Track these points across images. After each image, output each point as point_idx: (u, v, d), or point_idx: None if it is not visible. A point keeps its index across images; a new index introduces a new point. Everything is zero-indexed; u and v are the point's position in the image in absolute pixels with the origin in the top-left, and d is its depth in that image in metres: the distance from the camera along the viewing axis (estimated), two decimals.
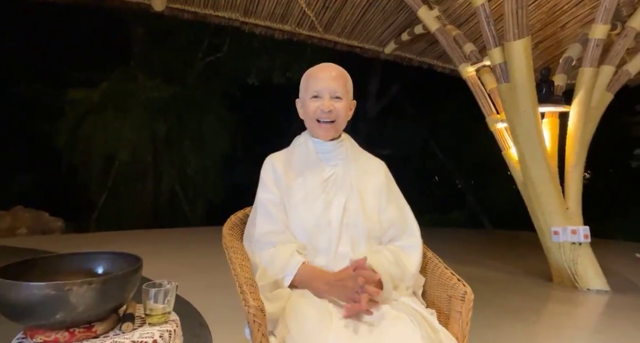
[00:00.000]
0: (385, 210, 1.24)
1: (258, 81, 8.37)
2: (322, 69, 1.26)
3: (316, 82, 1.23)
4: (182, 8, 4.66)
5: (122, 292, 0.99)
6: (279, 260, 1.14)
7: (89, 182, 7.62)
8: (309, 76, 1.26)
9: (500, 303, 3.08)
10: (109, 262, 1.12)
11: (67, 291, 0.89)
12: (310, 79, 1.25)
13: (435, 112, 10.39)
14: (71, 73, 7.50)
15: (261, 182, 1.27)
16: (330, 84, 1.22)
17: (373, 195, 1.24)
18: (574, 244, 3.41)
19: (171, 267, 3.94)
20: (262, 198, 1.24)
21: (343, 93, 1.23)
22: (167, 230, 6.60)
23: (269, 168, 1.27)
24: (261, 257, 1.18)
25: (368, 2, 4.50)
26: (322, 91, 1.21)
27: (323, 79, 1.22)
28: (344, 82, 1.24)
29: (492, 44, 3.41)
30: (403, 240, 1.24)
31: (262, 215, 1.22)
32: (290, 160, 1.27)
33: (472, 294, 1.09)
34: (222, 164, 8.57)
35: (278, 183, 1.24)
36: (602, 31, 3.36)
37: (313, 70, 1.27)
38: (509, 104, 3.45)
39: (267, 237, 1.20)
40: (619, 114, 6.29)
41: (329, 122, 1.22)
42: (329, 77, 1.23)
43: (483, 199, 9.91)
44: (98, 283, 0.93)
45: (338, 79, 1.23)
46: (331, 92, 1.21)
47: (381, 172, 1.30)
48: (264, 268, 1.16)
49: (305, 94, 1.26)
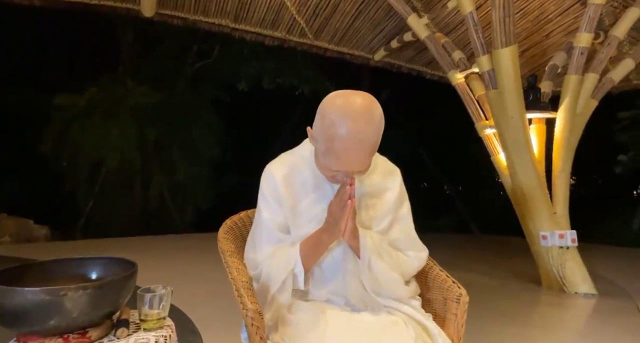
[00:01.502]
0: (391, 230, 1.16)
1: (248, 87, 8.37)
2: (351, 145, 0.94)
3: (339, 163, 0.97)
4: (172, 14, 4.65)
5: (117, 298, 0.98)
6: (279, 258, 1.09)
7: (76, 188, 7.50)
8: (332, 138, 0.95)
9: (490, 307, 3.11)
10: (102, 267, 1.11)
11: (63, 296, 0.88)
12: (332, 149, 0.96)
13: (424, 119, 10.50)
14: (58, 79, 7.43)
15: (262, 198, 1.14)
16: (355, 166, 0.98)
17: (385, 215, 1.15)
18: (561, 248, 3.46)
19: (159, 274, 3.87)
20: (265, 218, 1.12)
21: (369, 163, 1.01)
22: (155, 237, 6.51)
23: (270, 181, 1.12)
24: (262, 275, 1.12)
25: (358, 10, 4.55)
26: (345, 170, 0.99)
27: (348, 160, 0.96)
28: (373, 151, 0.99)
29: (480, 52, 3.47)
30: (406, 250, 1.18)
31: (265, 237, 1.13)
32: (295, 174, 1.13)
33: (467, 296, 1.10)
34: (211, 170, 8.52)
35: (280, 200, 1.11)
36: (586, 39, 3.45)
37: (338, 134, 0.94)
38: (497, 110, 3.51)
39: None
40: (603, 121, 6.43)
41: None
42: (358, 160, 0.97)
43: (472, 205, 10.01)
44: (93, 288, 0.92)
45: (368, 155, 0.98)
46: (355, 170, 0.99)
47: (396, 185, 1.18)
48: (265, 281, 1.10)
49: (322, 153, 1.00)
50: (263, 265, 1.12)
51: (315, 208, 1.10)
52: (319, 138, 1.00)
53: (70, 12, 4.60)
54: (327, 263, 1.13)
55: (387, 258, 1.10)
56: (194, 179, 8.13)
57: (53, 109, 7.34)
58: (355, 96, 0.98)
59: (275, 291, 1.07)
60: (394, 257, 1.13)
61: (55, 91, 7.35)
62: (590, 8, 3.38)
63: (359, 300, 1.11)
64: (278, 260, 1.09)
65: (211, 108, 8.56)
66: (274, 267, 1.09)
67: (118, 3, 4.45)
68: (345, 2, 4.45)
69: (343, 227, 0.99)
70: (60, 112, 7.36)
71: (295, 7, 4.56)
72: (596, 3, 3.35)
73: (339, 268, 1.12)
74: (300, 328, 1.04)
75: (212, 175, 8.58)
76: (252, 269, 1.15)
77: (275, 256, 1.11)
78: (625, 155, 7.20)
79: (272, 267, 1.09)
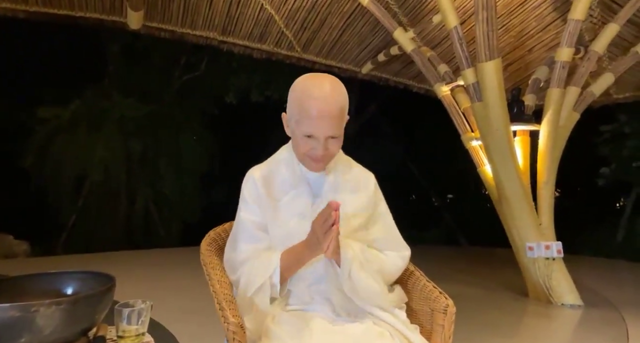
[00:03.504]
0: (370, 230, 1.19)
1: (236, 100, 8.36)
2: (319, 103, 1.03)
3: (311, 123, 1.04)
4: (159, 26, 4.66)
5: (93, 313, 0.94)
6: (259, 263, 1.09)
7: (58, 203, 7.30)
8: (302, 107, 1.05)
9: (478, 319, 3.09)
10: (79, 282, 1.07)
11: (34, 312, 0.84)
12: (304, 113, 1.05)
13: (411, 131, 10.59)
14: (42, 91, 7.29)
15: (242, 200, 1.17)
16: (327, 128, 1.05)
17: (361, 213, 1.18)
18: (547, 259, 3.48)
19: (143, 289, 3.79)
20: (244, 219, 1.15)
21: (340, 131, 1.08)
22: (141, 252, 6.38)
23: (251, 184, 1.16)
24: (241, 279, 1.12)
25: (345, 24, 4.62)
26: (318, 133, 1.06)
27: (320, 120, 1.04)
28: (341, 117, 1.07)
29: (465, 65, 3.53)
30: (389, 250, 1.21)
31: (243, 236, 1.14)
32: (274, 175, 1.18)
33: (454, 307, 1.09)
34: (199, 183, 8.41)
35: (260, 202, 1.15)
36: (567, 54, 3.54)
37: (309, 101, 1.04)
38: (482, 122, 3.56)
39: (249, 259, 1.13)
40: (585, 134, 6.58)
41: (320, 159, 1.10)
42: (327, 117, 1.04)
43: (459, 217, 10.07)
44: (67, 303, 0.88)
45: (337, 117, 1.05)
46: (327, 134, 1.06)
47: (370, 187, 1.23)
48: (245, 285, 1.10)
49: (295, 124, 1.08)
50: (242, 270, 1.12)
51: (295, 206, 1.14)
52: (292, 113, 1.09)
53: (55, 24, 4.57)
54: (310, 270, 1.12)
55: (369, 267, 1.11)
56: (180, 193, 8.01)
57: (36, 121, 7.20)
58: (320, 74, 1.12)
59: (252, 294, 1.07)
60: (377, 263, 1.14)
61: (38, 104, 7.22)
62: (570, 24, 3.47)
63: (341, 308, 1.10)
64: (257, 266, 1.09)
65: (199, 121, 8.51)
66: (252, 274, 1.09)
67: (104, 16, 4.44)
68: (332, 16, 4.51)
69: (325, 247, 1.00)
70: (43, 125, 7.21)
71: (283, 21, 4.61)
72: (576, 19, 3.45)
73: (322, 275, 1.12)
74: (284, 341, 1.01)
75: (200, 188, 8.48)
76: (232, 273, 1.16)
77: (255, 262, 1.10)
78: (607, 168, 7.34)
79: (251, 274, 1.09)
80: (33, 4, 4.16)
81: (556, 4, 4.11)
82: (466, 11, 4.13)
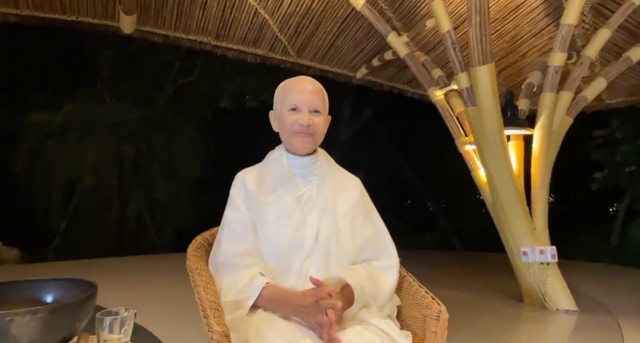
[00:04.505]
0: (360, 229, 1.20)
1: (230, 104, 8.33)
2: (300, 82, 1.21)
3: (294, 95, 1.18)
4: (152, 31, 4.63)
5: (72, 322, 0.91)
6: (241, 282, 1.08)
7: (49, 208, 7.20)
8: (286, 88, 1.21)
9: (472, 325, 3.07)
10: (60, 289, 1.03)
11: (8, 322, 0.80)
12: (287, 91, 1.20)
13: (406, 136, 10.61)
14: (33, 95, 7.21)
15: (230, 200, 1.21)
16: (309, 98, 1.18)
17: (347, 212, 1.19)
18: (542, 264, 3.47)
19: (134, 296, 3.73)
20: (229, 218, 1.18)
21: (321, 108, 1.19)
22: (133, 258, 6.30)
23: (240, 185, 1.21)
24: (224, 280, 1.12)
25: (339, 29, 4.61)
26: (301, 104, 1.17)
27: (302, 92, 1.18)
28: (322, 96, 1.21)
29: (458, 69, 3.53)
30: (380, 261, 1.20)
31: (228, 235, 1.16)
32: (263, 176, 1.21)
33: (446, 313, 1.06)
34: (192, 188, 8.33)
35: (248, 202, 1.17)
36: (560, 59, 3.55)
37: (290, 82, 1.22)
38: (476, 126, 3.55)
39: (232, 259, 1.13)
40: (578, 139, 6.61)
41: (307, 134, 1.18)
42: (308, 90, 1.19)
43: (454, 222, 10.06)
44: (45, 312, 0.84)
45: (317, 93, 1.20)
46: (310, 106, 1.17)
47: (356, 188, 1.26)
48: (227, 289, 1.09)
49: (281, 106, 1.20)
50: (223, 276, 1.12)
51: (282, 203, 1.16)
52: (277, 101, 1.22)
53: (47, 28, 4.52)
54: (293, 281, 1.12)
55: (373, 301, 1.13)
56: (174, 198, 7.94)
57: (26, 126, 7.11)
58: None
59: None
60: (375, 283, 1.14)
61: (29, 108, 7.14)
62: (562, 29, 3.49)
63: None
64: (238, 283, 1.09)
65: (193, 125, 8.46)
66: (232, 289, 1.09)
67: (97, 20, 4.40)
68: (326, 21, 4.51)
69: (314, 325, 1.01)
70: (33, 130, 7.13)
71: (277, 26, 4.60)
72: (568, 24, 3.47)
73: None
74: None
75: (193, 193, 8.40)
76: (214, 271, 1.17)
77: (239, 276, 1.09)
78: (600, 173, 7.37)
79: (230, 289, 1.09)
80: (24, 8, 4.12)
81: (549, 9, 4.14)
82: (460, 16, 4.14)
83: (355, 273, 1.12)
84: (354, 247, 1.17)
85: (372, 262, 1.20)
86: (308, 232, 1.13)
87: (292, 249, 1.12)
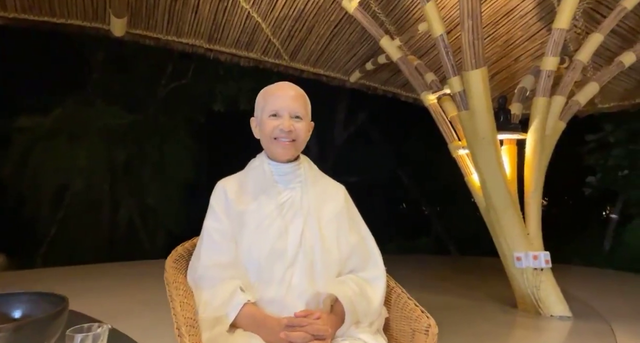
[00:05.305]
0: (345, 237, 1.15)
1: (224, 108, 8.28)
2: (281, 88, 1.19)
3: (275, 100, 1.16)
4: (144, 34, 4.57)
5: (40, 340, 0.85)
6: (220, 297, 1.03)
7: (38, 213, 7.06)
8: (266, 93, 1.19)
9: (465, 331, 3.03)
10: (29, 304, 0.97)
11: None
12: (268, 97, 1.18)
13: (401, 139, 10.60)
14: (22, 99, 7.12)
15: (210, 209, 1.18)
16: (290, 103, 1.15)
17: (332, 220, 1.15)
18: (536, 270, 3.44)
19: (123, 304, 3.66)
20: (209, 228, 1.14)
21: (303, 114, 1.17)
22: (123, 264, 6.20)
23: (220, 194, 1.18)
24: (203, 294, 1.07)
25: (332, 33, 4.59)
26: (282, 110, 1.15)
27: (283, 98, 1.16)
28: (304, 102, 1.19)
29: (451, 73, 3.51)
30: (367, 271, 1.16)
31: (208, 246, 1.11)
32: (244, 184, 1.18)
33: (436, 327, 1.02)
34: (185, 192, 8.25)
35: (228, 211, 1.14)
36: (552, 63, 3.54)
37: (271, 88, 1.20)
38: (469, 131, 3.53)
39: (211, 271, 1.08)
40: (572, 144, 6.62)
41: (288, 140, 1.15)
42: (289, 96, 1.16)
43: (449, 225, 10.04)
44: (8, 331, 0.79)
45: (298, 98, 1.17)
46: (291, 111, 1.15)
47: (340, 196, 1.22)
48: (205, 304, 1.05)
49: (262, 112, 1.18)
50: (203, 289, 1.07)
51: (263, 210, 1.13)
52: (258, 107, 1.22)
53: (36, 31, 4.46)
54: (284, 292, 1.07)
55: (364, 318, 1.08)
56: (165, 203, 7.84)
57: (15, 130, 7.00)
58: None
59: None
60: (366, 299, 1.10)
61: (17, 112, 7.03)
62: (554, 33, 3.48)
63: None
64: (217, 298, 1.04)
65: (185, 129, 8.39)
66: (210, 305, 1.04)
67: (86, 22, 4.35)
68: (319, 25, 4.48)
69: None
70: (22, 134, 7.02)
71: (270, 29, 4.56)
72: (560, 28, 3.46)
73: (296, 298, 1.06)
74: None
75: (186, 198, 8.32)
76: (192, 284, 1.13)
77: (218, 292, 1.05)
78: (593, 177, 7.39)
79: (209, 304, 1.05)
80: (12, 10, 4.06)
81: (542, 13, 4.14)
82: (453, 20, 4.13)
83: (346, 288, 1.07)
84: (339, 256, 1.13)
85: (359, 274, 1.15)
86: (290, 240, 1.09)
87: (274, 258, 1.07)
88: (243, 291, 1.05)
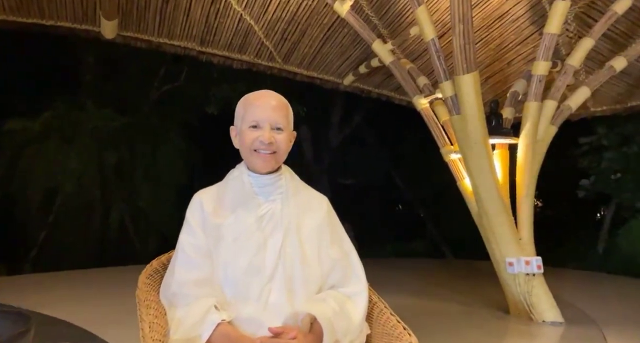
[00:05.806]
0: (327, 250, 1.12)
1: (218, 110, 8.22)
2: (261, 97, 1.15)
3: (255, 110, 1.11)
4: (135, 36, 4.54)
5: None
6: (193, 317, 0.99)
7: (27, 217, 6.96)
8: (246, 102, 1.15)
9: (456, 338, 3.01)
10: None
11: None
12: (248, 106, 1.13)
13: (396, 142, 10.59)
14: (10, 102, 7.03)
15: (186, 223, 1.14)
16: (271, 114, 1.11)
17: (313, 233, 1.11)
18: (528, 275, 3.42)
19: (112, 312, 3.58)
20: (183, 243, 1.11)
21: (284, 124, 1.12)
22: (114, 269, 6.12)
23: (197, 206, 1.14)
24: (176, 312, 1.03)
25: (325, 35, 4.57)
26: (263, 121, 1.10)
27: (263, 108, 1.11)
28: (285, 112, 1.14)
29: (442, 77, 3.50)
30: (348, 287, 1.12)
31: (182, 262, 1.08)
32: (222, 196, 1.14)
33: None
34: (177, 196, 8.16)
35: (204, 225, 1.10)
36: (543, 67, 3.54)
37: (251, 96, 1.16)
38: (461, 135, 3.51)
39: (186, 288, 1.05)
40: (565, 147, 6.63)
41: (269, 153, 1.11)
42: (270, 106, 1.12)
43: (444, 229, 10.03)
44: None
45: (280, 108, 1.13)
46: (272, 122, 1.10)
47: (323, 208, 1.18)
48: (178, 324, 1.01)
49: (242, 122, 1.14)
50: (177, 307, 1.04)
51: (241, 223, 1.09)
52: (238, 116, 1.16)
53: (26, 33, 4.41)
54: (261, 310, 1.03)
55: (343, 338, 1.04)
56: (158, 205, 7.75)
57: (4, 133, 6.89)
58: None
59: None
60: (346, 317, 1.06)
61: (6, 115, 6.91)
62: (546, 37, 3.48)
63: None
64: (190, 318, 1.00)
65: (178, 132, 8.32)
66: (182, 325, 1.00)
67: (76, 24, 4.30)
68: (312, 28, 4.46)
69: None
70: (10, 138, 6.91)
71: (263, 32, 4.54)
72: (552, 33, 3.46)
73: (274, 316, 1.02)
74: None
75: (178, 201, 8.23)
76: (165, 301, 1.09)
77: (191, 312, 1.01)
78: (586, 180, 7.40)
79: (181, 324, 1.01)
80: (1, 12, 4.01)
81: (534, 17, 4.14)
82: (445, 24, 4.12)
83: (325, 307, 1.04)
84: (320, 270, 1.10)
85: (340, 289, 1.12)
86: (269, 255, 1.05)
87: (251, 274, 1.04)
88: (218, 310, 1.01)
